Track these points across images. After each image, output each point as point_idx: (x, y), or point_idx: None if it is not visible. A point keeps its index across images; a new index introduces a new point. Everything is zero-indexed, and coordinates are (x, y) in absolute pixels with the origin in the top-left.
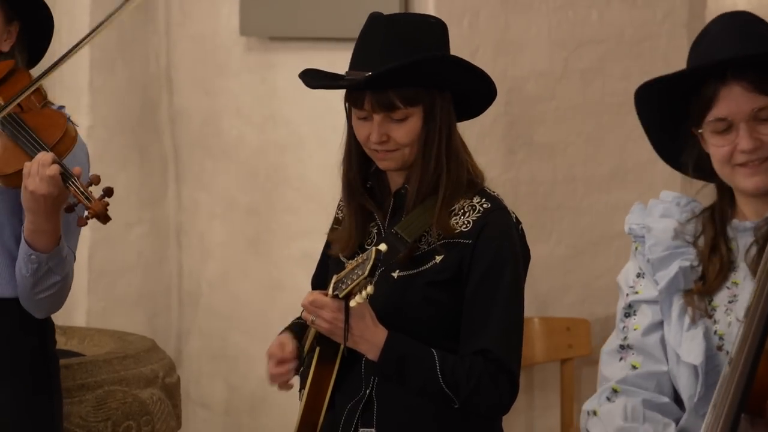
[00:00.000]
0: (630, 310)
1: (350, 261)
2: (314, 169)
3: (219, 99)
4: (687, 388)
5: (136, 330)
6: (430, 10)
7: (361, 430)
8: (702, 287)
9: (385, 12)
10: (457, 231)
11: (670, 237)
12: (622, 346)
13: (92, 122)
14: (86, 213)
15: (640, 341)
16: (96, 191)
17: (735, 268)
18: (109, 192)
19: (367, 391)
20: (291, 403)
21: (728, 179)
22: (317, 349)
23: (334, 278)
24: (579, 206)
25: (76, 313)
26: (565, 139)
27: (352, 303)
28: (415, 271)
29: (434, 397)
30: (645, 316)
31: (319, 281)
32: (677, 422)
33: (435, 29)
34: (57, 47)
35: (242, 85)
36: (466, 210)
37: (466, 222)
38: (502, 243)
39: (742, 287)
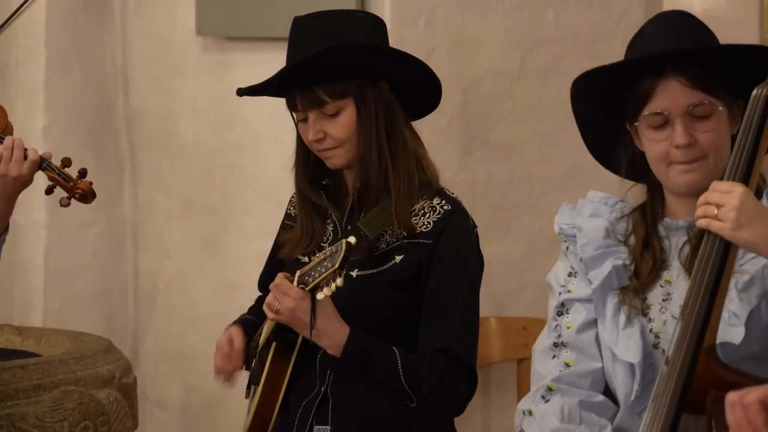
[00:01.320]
0: (563, 309)
1: (315, 255)
2: (271, 169)
3: (175, 99)
4: (623, 387)
5: (93, 330)
6: (386, 10)
7: (316, 428)
8: (636, 284)
9: None
10: (418, 231)
11: (601, 236)
12: (555, 344)
13: (48, 122)
14: (68, 194)
15: (574, 339)
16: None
17: (668, 266)
18: (84, 172)
19: (322, 389)
20: (248, 403)
21: (663, 177)
22: (273, 344)
23: (298, 272)
24: (536, 206)
25: (32, 313)
26: (521, 139)
27: (320, 296)
28: (375, 270)
29: (393, 394)
30: (579, 314)
31: (267, 281)
32: (613, 419)
33: (362, 23)
34: (13, 48)
35: (199, 84)
36: (426, 211)
37: (426, 222)
38: (463, 244)
39: (675, 285)
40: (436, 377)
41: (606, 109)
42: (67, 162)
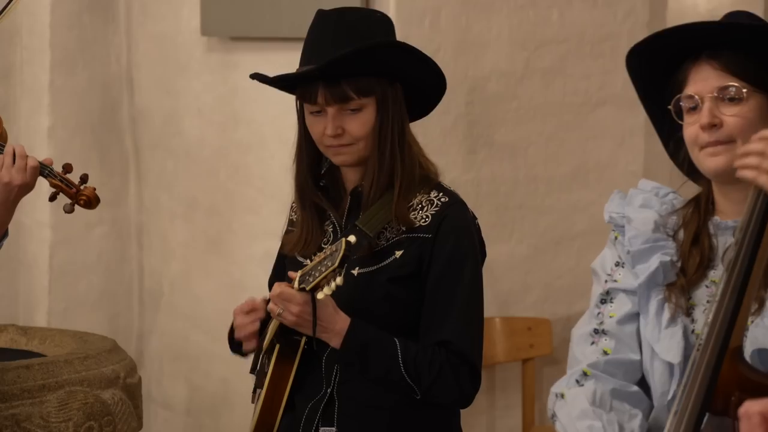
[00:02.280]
0: (607, 297)
1: (315, 255)
2: (276, 169)
3: (180, 99)
4: (660, 385)
5: (97, 330)
6: (391, 10)
7: (322, 429)
8: (683, 281)
9: None
10: (416, 225)
11: (650, 229)
12: (596, 330)
13: (53, 122)
14: (71, 201)
15: (615, 329)
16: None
17: (714, 266)
18: (85, 178)
19: (329, 391)
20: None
21: (696, 162)
22: (276, 346)
23: (299, 273)
24: (540, 206)
25: (37, 313)
26: (526, 139)
27: (320, 295)
28: (376, 267)
29: (396, 386)
30: (623, 305)
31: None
32: (645, 411)
33: (382, 23)
34: (18, 48)
35: (203, 85)
36: (424, 204)
37: (424, 216)
38: (462, 236)
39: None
40: (436, 371)
41: (655, 93)
42: (68, 168)
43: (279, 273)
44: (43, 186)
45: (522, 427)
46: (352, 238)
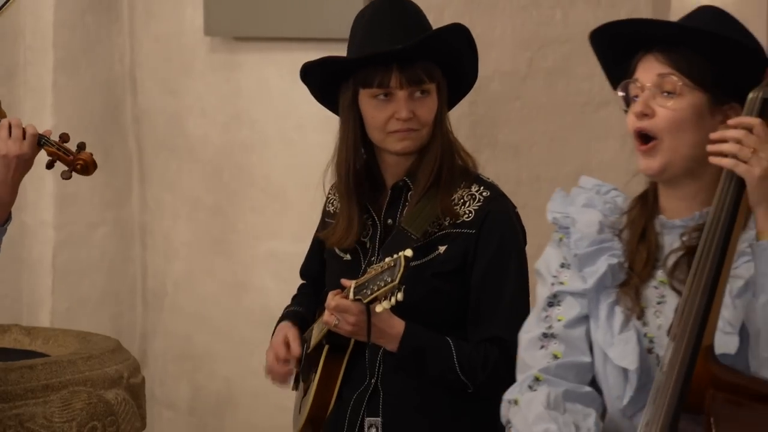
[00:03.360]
0: (554, 300)
1: (373, 266)
2: (279, 169)
3: (183, 99)
4: (614, 389)
5: (101, 330)
6: None
7: (367, 419)
8: (635, 281)
9: (350, 11)
10: (460, 221)
11: (595, 230)
12: (545, 335)
13: (56, 123)
14: (68, 167)
15: (564, 332)
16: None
17: (660, 265)
18: (82, 146)
19: (373, 381)
20: (256, 403)
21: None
22: (326, 347)
23: (354, 283)
24: (544, 206)
25: (41, 313)
26: (529, 139)
27: (379, 308)
28: (419, 262)
29: (450, 384)
30: (571, 309)
31: (308, 272)
32: (598, 410)
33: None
34: (21, 48)
35: (207, 85)
36: (466, 199)
37: (467, 211)
38: (506, 230)
39: (669, 287)
40: (490, 368)
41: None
42: (65, 137)
43: (314, 263)
44: (47, 181)
45: None
46: (409, 253)
